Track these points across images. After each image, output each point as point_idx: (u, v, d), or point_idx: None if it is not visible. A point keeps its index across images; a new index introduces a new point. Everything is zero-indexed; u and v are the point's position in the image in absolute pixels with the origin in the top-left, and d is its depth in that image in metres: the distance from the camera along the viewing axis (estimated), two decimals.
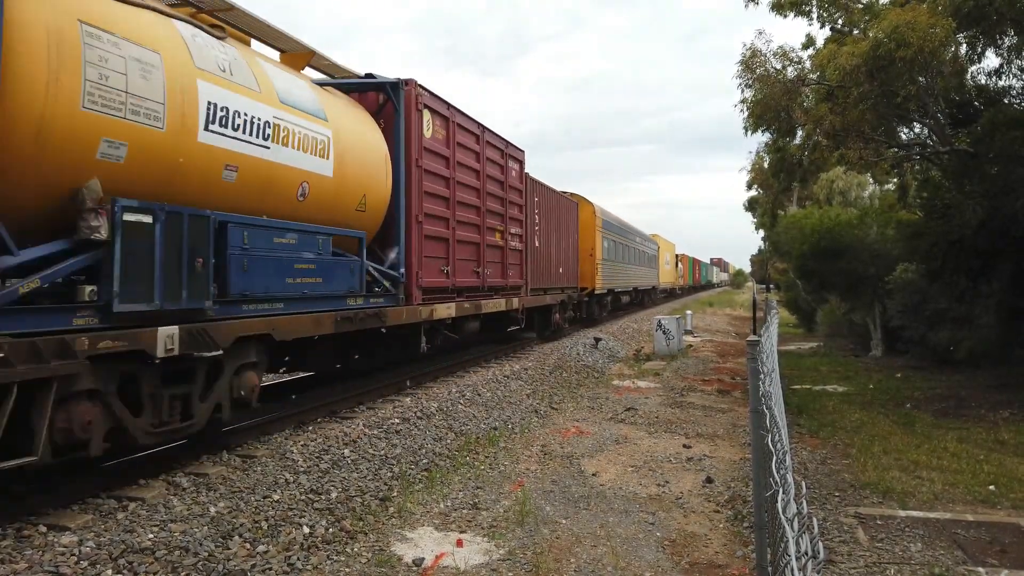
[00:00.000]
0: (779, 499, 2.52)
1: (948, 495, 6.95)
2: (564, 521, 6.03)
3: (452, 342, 12.18)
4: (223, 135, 6.23)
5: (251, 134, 6.58)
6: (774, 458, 2.94)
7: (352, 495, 6.19)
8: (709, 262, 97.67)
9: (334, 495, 6.07)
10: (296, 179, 7.33)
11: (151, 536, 4.72)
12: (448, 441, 8.30)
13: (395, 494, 6.49)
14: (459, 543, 5.46)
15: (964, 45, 12.58)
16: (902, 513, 6.39)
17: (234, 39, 7.05)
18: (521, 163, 15.08)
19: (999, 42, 12.25)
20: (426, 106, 10.07)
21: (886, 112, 12.74)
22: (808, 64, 13.95)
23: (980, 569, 5.21)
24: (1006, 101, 13.03)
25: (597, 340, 18.33)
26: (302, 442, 7.05)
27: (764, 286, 40.20)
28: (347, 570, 4.94)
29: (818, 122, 13.21)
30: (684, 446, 8.73)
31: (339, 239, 8.07)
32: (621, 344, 19.95)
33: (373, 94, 9.69)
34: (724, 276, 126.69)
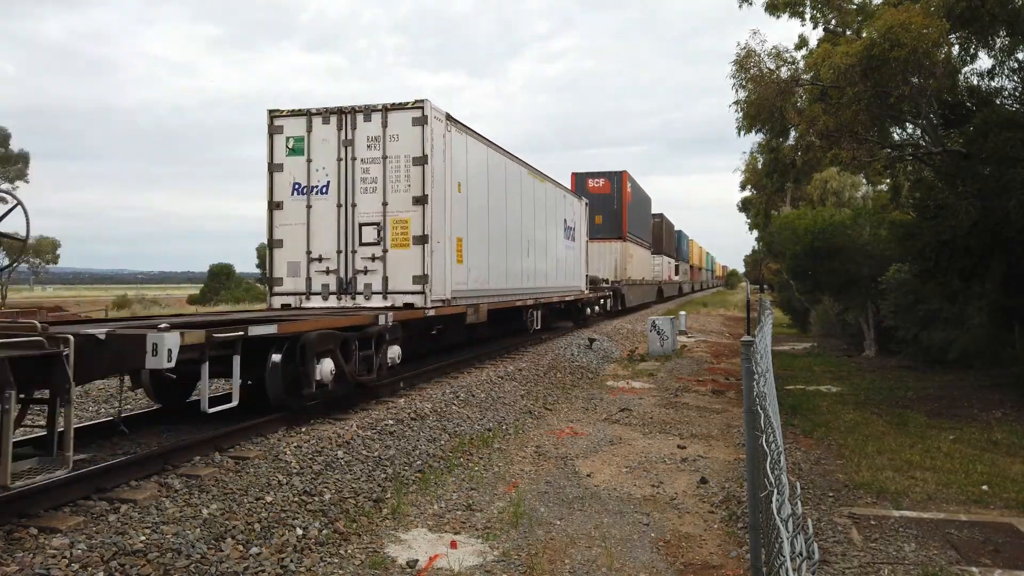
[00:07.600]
0: (773, 500, 2.51)
1: (942, 495, 6.97)
2: (558, 522, 6.02)
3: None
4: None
5: None
6: (768, 459, 2.93)
7: (346, 496, 6.17)
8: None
9: (327, 497, 6.04)
10: None
11: (143, 538, 4.68)
12: (442, 442, 8.28)
13: (389, 495, 6.47)
14: (453, 544, 5.45)
15: (957, 46, 12.64)
16: (896, 513, 6.40)
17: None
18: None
19: (991, 43, 12.31)
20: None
21: (879, 112, 12.77)
22: (802, 64, 13.98)
23: (974, 569, 5.21)
24: (998, 102, 13.07)
25: (591, 341, 18.34)
26: (295, 443, 7.02)
27: (758, 286, 40.24)
28: (340, 572, 4.92)
29: (811, 122, 13.24)
30: (678, 447, 8.73)
31: None
32: (615, 345, 19.96)
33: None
34: (673, 271, 48.60)
